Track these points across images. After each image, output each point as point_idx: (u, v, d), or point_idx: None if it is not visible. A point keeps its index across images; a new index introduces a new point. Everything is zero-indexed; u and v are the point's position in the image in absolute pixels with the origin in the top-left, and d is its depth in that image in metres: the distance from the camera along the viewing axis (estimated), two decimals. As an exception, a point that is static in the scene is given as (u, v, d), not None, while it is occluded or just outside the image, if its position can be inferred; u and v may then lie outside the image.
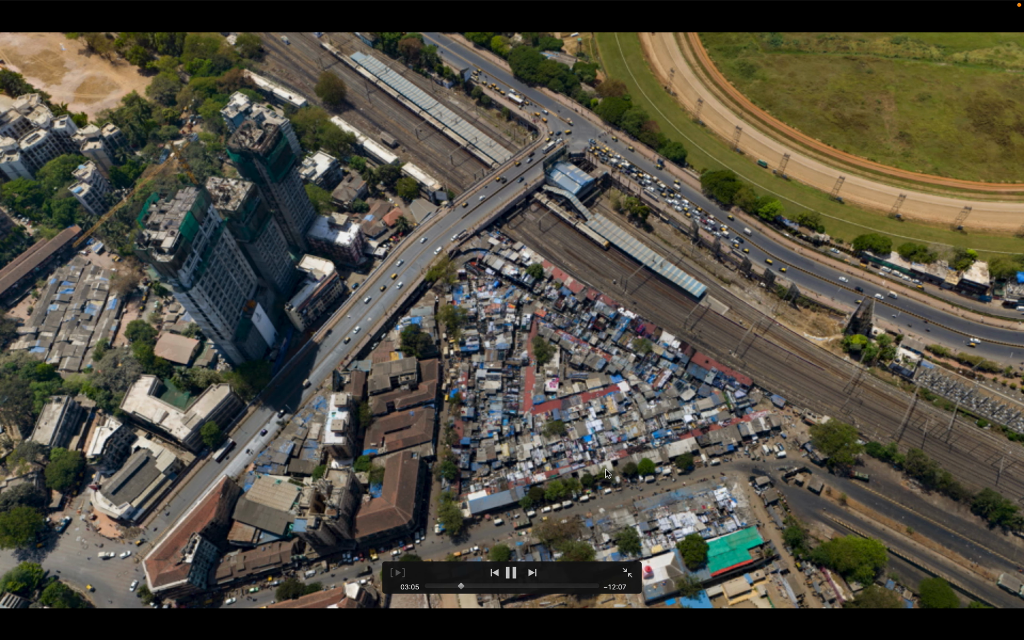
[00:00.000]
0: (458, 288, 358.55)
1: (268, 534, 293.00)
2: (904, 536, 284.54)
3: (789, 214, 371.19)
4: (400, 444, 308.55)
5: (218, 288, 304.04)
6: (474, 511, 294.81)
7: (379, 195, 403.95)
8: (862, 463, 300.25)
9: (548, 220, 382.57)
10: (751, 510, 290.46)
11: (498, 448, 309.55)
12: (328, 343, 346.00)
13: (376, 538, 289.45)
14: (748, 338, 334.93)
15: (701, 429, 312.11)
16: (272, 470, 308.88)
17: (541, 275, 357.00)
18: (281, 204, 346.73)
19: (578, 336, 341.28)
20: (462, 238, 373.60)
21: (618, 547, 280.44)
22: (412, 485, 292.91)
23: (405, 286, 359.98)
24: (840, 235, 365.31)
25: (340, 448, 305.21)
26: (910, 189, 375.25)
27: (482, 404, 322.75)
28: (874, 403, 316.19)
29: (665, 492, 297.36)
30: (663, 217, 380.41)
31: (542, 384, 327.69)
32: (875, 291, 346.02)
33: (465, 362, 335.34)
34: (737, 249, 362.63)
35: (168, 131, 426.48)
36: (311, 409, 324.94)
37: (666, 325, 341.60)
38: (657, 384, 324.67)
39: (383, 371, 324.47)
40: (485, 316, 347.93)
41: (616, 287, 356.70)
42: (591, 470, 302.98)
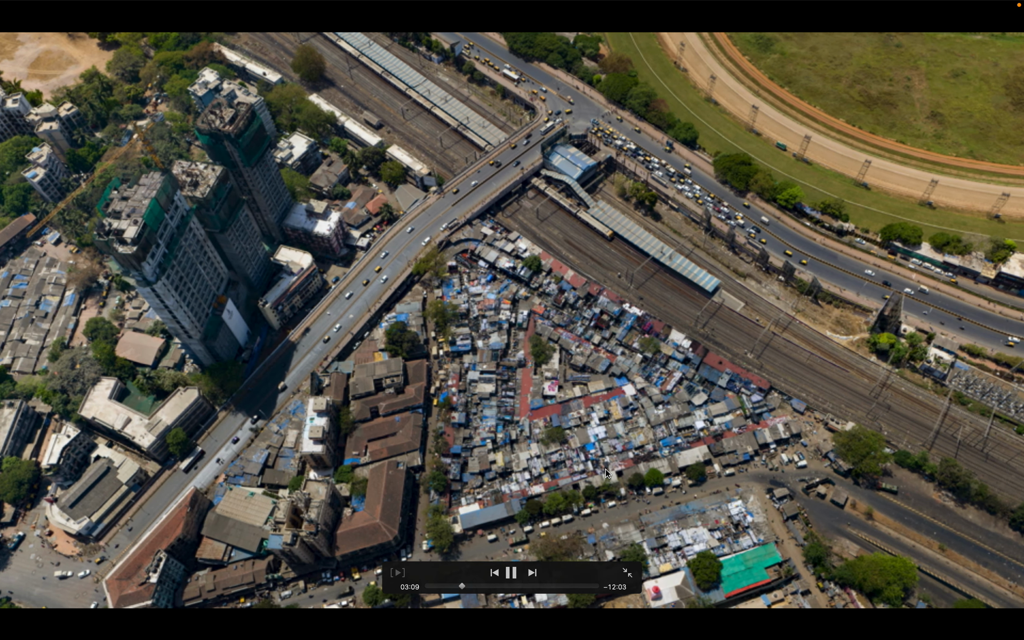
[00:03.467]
0: (448, 282, 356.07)
1: (240, 551, 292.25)
2: (936, 554, 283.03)
3: (810, 201, 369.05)
4: (385, 453, 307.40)
5: (186, 282, 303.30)
6: (465, 526, 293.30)
7: (362, 180, 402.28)
8: (890, 474, 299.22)
9: (547, 208, 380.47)
10: (769, 525, 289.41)
11: (492, 457, 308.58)
12: (306, 342, 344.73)
13: (358, 555, 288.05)
14: (765, 337, 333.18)
15: (714, 436, 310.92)
16: (245, 481, 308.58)
17: (539, 268, 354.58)
18: (254, 190, 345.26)
19: (579, 335, 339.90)
20: (452, 227, 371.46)
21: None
22: (398, 498, 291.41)
23: (390, 280, 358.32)
24: (866, 224, 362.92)
25: (319, 457, 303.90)
26: (943, 174, 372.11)
27: (474, 409, 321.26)
28: (903, 408, 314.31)
29: (675, 505, 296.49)
30: (672, 205, 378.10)
31: (540, 387, 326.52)
32: (904, 285, 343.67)
33: (456, 363, 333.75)
34: (753, 240, 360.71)
35: (131, 110, 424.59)
36: (287, 415, 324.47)
37: (676, 323, 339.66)
38: (666, 387, 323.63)
39: (366, 373, 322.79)
40: (478, 313, 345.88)
41: (621, 281, 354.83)
42: (594, 481, 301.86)
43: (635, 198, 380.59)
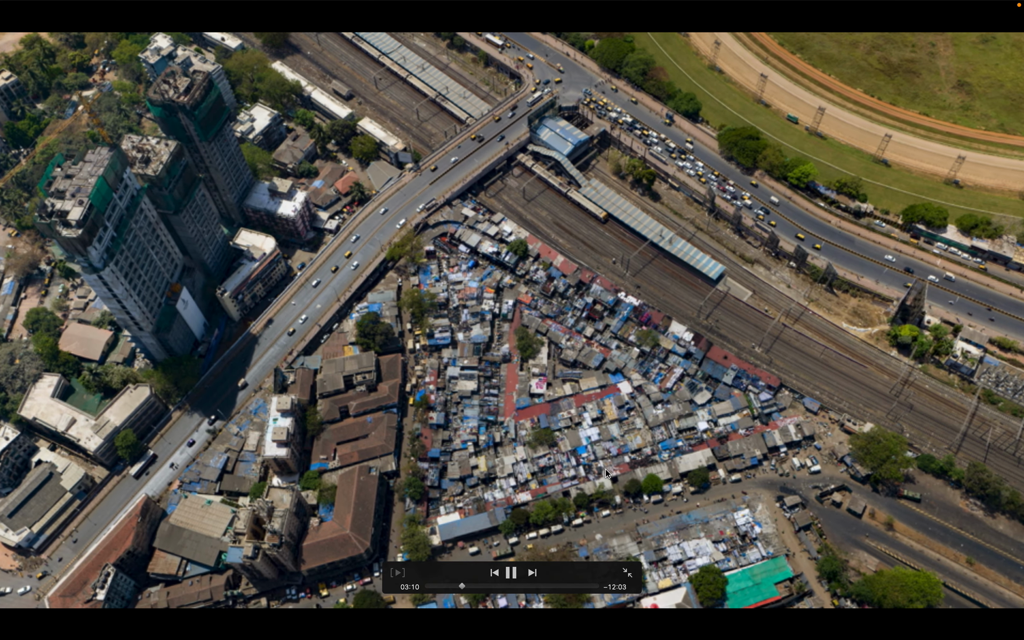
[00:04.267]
0: (425, 269, 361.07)
1: (196, 565, 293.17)
2: (963, 567, 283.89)
3: (825, 180, 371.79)
4: (355, 457, 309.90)
5: (136, 268, 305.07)
6: (444, 538, 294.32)
7: (330, 157, 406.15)
8: (913, 480, 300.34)
9: (534, 187, 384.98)
10: (779, 536, 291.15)
11: (473, 462, 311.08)
12: (269, 335, 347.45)
13: (327, 570, 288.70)
14: (775, 329, 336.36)
15: (718, 439, 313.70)
16: (201, 488, 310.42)
17: (525, 253, 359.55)
18: (212, 167, 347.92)
19: (570, 327, 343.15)
20: (430, 208, 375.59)
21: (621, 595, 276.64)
22: (370, 506, 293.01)
23: (361, 266, 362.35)
24: (886, 205, 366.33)
25: (283, 462, 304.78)
26: (971, 149, 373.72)
27: (454, 409, 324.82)
28: (927, 407, 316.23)
29: (675, 515, 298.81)
30: (672, 183, 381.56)
31: (527, 385, 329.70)
32: (928, 272, 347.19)
33: (434, 358, 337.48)
34: (762, 222, 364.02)
35: (76, 79, 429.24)
36: (248, 415, 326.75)
37: (676, 313, 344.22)
38: (665, 385, 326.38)
39: (335, 369, 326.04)
40: (458, 302, 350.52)
41: (616, 267, 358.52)
42: (586, 488, 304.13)
43: (632, 176, 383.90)
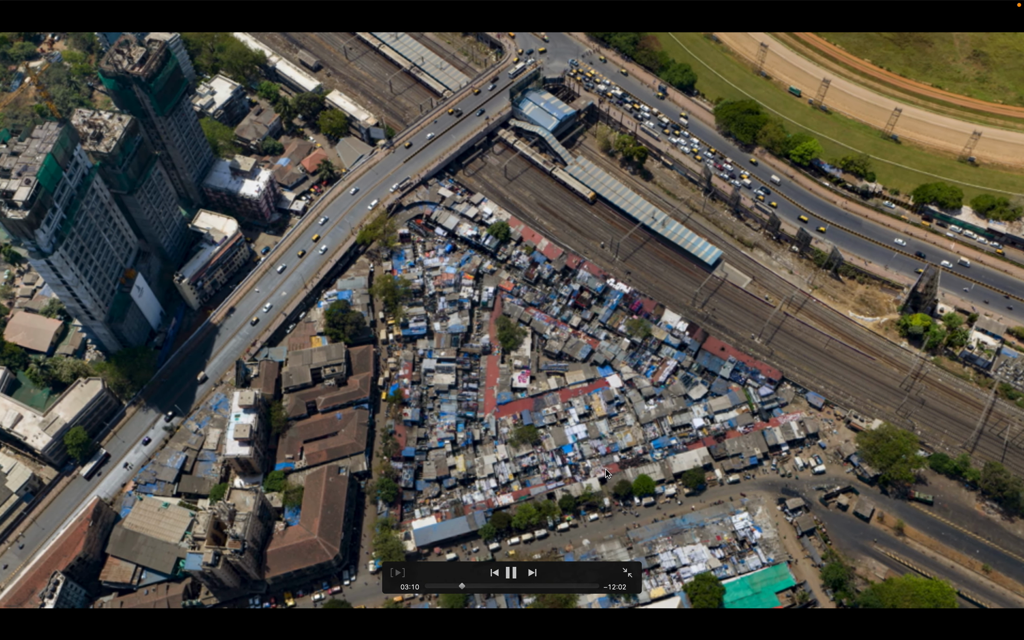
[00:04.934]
0: (399, 253, 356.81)
1: (152, 573, 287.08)
2: (979, 575, 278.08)
3: (830, 157, 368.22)
4: (324, 456, 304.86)
5: (87, 253, 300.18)
6: (420, 543, 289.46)
7: (297, 132, 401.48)
8: (924, 481, 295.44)
9: (516, 165, 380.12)
10: (780, 542, 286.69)
11: (451, 461, 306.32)
12: (230, 325, 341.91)
13: (293, 578, 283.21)
14: (776, 319, 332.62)
15: (715, 437, 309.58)
16: (158, 490, 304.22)
17: (507, 236, 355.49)
18: (169, 144, 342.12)
19: (555, 316, 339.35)
20: (404, 188, 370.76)
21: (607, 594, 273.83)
22: (339, 509, 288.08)
23: (330, 251, 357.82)
24: (896, 184, 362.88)
25: (246, 461, 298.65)
26: (987, 124, 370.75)
27: (430, 404, 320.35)
28: (940, 403, 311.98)
29: (668, 518, 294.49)
30: (666, 161, 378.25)
31: (508, 378, 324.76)
32: (941, 257, 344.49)
33: (408, 350, 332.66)
34: (762, 203, 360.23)
35: (22, 49, 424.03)
36: (208, 411, 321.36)
37: (670, 302, 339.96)
38: (658, 378, 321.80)
39: (302, 361, 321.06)
40: (434, 290, 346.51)
41: (605, 252, 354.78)
42: (572, 490, 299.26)
43: (621, 153, 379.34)
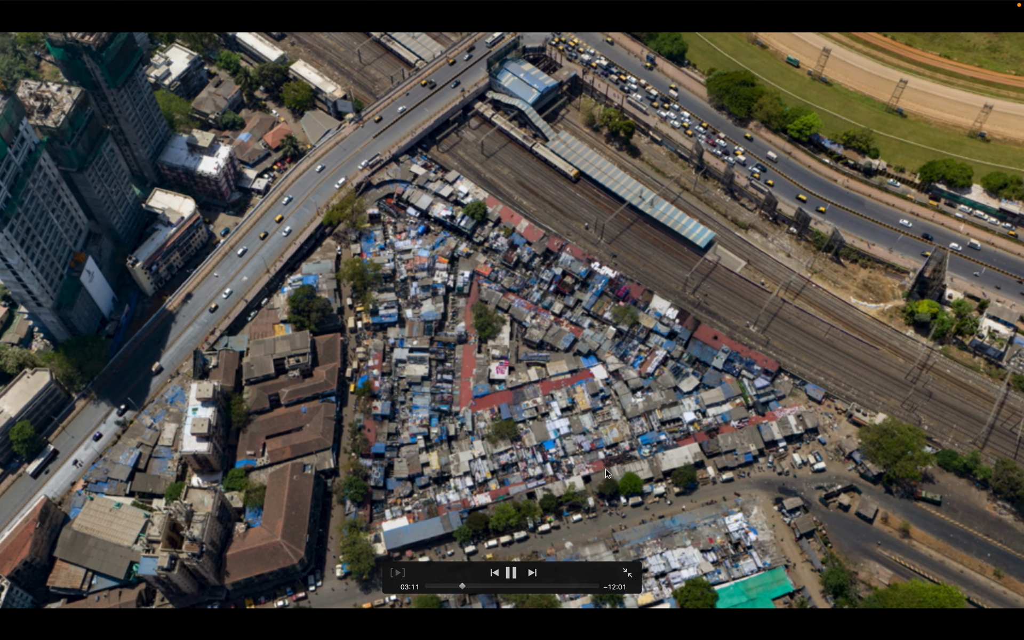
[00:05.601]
0: (368, 235, 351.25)
1: (104, 578, 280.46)
2: (990, 580, 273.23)
3: (830, 132, 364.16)
4: (287, 452, 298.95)
5: (34, 235, 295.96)
6: (391, 546, 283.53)
7: (259, 106, 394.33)
8: (932, 479, 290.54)
9: (494, 140, 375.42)
10: (777, 545, 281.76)
11: (424, 458, 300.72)
12: (187, 312, 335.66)
13: (254, 583, 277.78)
14: (773, 305, 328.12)
15: (707, 432, 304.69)
16: (109, 489, 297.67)
17: (484, 217, 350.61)
18: (122, 118, 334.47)
19: (536, 302, 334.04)
20: (374, 165, 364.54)
21: (591, 596, 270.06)
22: (304, 510, 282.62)
23: (295, 232, 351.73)
24: (901, 161, 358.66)
25: (204, 458, 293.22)
26: (998, 97, 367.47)
27: (402, 397, 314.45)
28: (948, 395, 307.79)
29: (657, 519, 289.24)
30: (654, 136, 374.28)
31: (485, 369, 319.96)
32: (950, 239, 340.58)
33: (378, 338, 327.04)
34: (758, 181, 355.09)
35: None
36: (163, 404, 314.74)
37: (658, 287, 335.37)
38: (646, 369, 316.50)
39: (264, 351, 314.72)
40: (406, 274, 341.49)
41: (589, 234, 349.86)
42: (554, 489, 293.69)
43: (607, 128, 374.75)
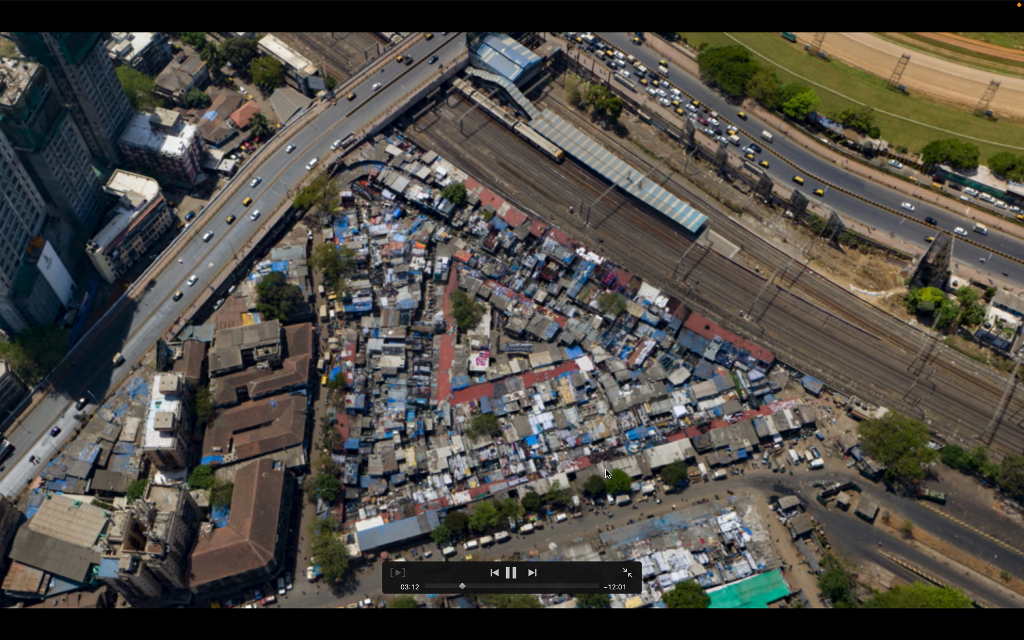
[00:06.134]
0: (341, 219, 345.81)
1: (62, 581, 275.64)
2: (997, 583, 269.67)
3: (828, 110, 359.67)
4: (256, 448, 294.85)
5: None
6: (365, 547, 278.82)
7: (225, 82, 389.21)
8: (936, 477, 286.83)
9: (474, 119, 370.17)
10: (772, 546, 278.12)
11: (400, 455, 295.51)
12: (150, 300, 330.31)
13: (221, 586, 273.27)
14: (768, 293, 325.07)
15: (699, 427, 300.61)
16: (68, 487, 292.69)
17: (463, 200, 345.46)
18: (81, 96, 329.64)
19: (518, 290, 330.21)
20: (347, 146, 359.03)
21: (576, 599, 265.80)
22: (274, 509, 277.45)
23: (264, 216, 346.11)
24: (904, 141, 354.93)
25: (168, 454, 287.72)
26: (1006, 74, 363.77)
27: (377, 390, 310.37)
28: (953, 388, 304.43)
29: (646, 519, 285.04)
30: (643, 115, 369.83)
31: (465, 361, 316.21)
32: (954, 223, 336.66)
33: (352, 328, 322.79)
34: (752, 162, 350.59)
35: None
36: (125, 397, 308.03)
37: (647, 274, 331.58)
38: (634, 360, 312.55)
39: (231, 341, 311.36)
40: (381, 261, 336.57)
41: (574, 218, 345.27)
42: (537, 487, 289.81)
43: (593, 106, 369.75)
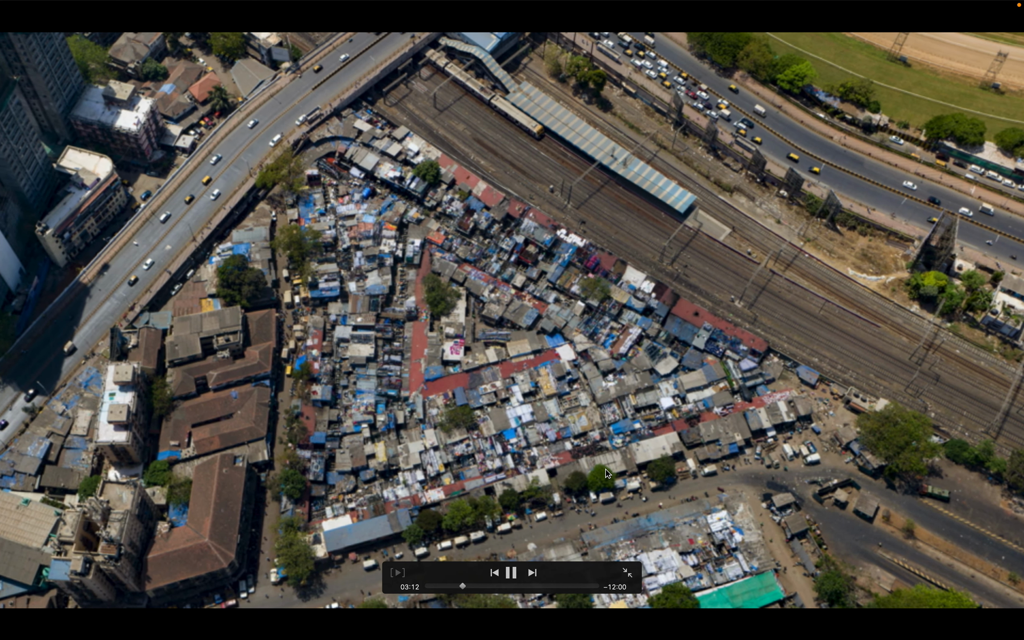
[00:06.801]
0: (307, 199, 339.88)
1: (10, 584, 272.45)
2: (1005, 586, 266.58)
3: (825, 83, 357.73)
4: (216, 443, 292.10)
5: None
6: (332, 548, 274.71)
7: (184, 54, 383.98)
8: (939, 473, 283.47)
9: (448, 92, 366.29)
10: (765, 546, 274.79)
11: (369, 449, 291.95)
12: (104, 285, 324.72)
13: (179, 589, 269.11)
14: (761, 277, 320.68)
15: (687, 420, 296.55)
16: (16, 483, 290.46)
17: (437, 179, 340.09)
18: (30, 67, 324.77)
19: (495, 274, 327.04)
20: (313, 121, 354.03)
21: (557, 602, 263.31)
22: (235, 507, 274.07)
23: (224, 196, 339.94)
24: (905, 116, 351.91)
25: (122, 449, 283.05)
26: (1015, 44, 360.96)
27: (344, 381, 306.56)
28: (958, 379, 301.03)
29: (631, 518, 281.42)
30: (628, 88, 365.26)
31: (438, 350, 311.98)
32: (959, 203, 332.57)
33: (318, 315, 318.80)
34: (744, 138, 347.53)
35: None
36: (77, 388, 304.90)
37: (633, 257, 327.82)
38: (618, 349, 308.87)
39: (190, 329, 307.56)
40: (349, 243, 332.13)
41: (555, 198, 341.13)
42: (515, 484, 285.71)
43: (575, 78, 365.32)
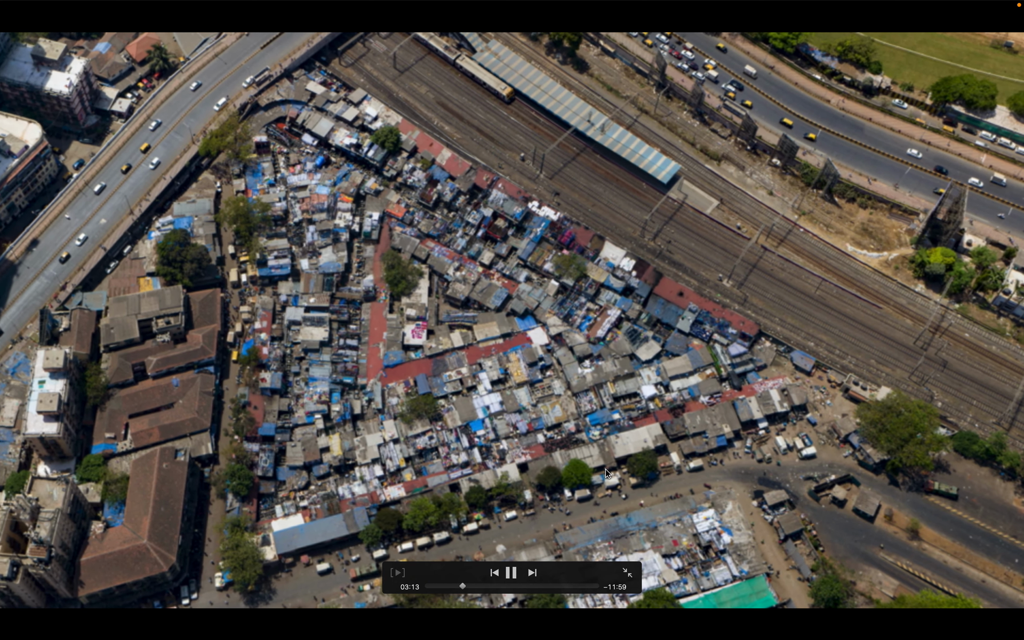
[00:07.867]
0: (255, 168, 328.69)
1: None
2: (1017, 591, 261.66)
3: (822, 42, 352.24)
4: (156, 435, 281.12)
5: None
6: (281, 550, 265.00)
7: None
8: (947, 468, 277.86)
9: (409, 51, 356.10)
10: (756, 548, 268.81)
11: (323, 442, 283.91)
12: (32, 262, 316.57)
13: (115, 595, 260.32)
14: (752, 254, 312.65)
15: (671, 410, 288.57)
16: None
17: (397, 146, 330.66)
18: None
19: (461, 251, 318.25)
20: (262, 83, 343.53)
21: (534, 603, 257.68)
22: (177, 506, 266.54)
23: (165, 165, 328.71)
24: (908, 78, 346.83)
25: (53, 442, 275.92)
26: None
27: (296, 367, 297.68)
28: (967, 365, 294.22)
29: (609, 517, 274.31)
30: (606, 47, 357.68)
31: (398, 333, 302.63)
32: (968, 173, 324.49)
33: (267, 295, 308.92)
34: (733, 102, 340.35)
35: None
36: (3, 375, 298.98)
37: (611, 232, 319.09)
38: (596, 333, 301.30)
39: (127, 310, 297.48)
40: (301, 216, 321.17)
41: (526, 167, 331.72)
42: (483, 480, 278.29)
43: (548, 37, 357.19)
